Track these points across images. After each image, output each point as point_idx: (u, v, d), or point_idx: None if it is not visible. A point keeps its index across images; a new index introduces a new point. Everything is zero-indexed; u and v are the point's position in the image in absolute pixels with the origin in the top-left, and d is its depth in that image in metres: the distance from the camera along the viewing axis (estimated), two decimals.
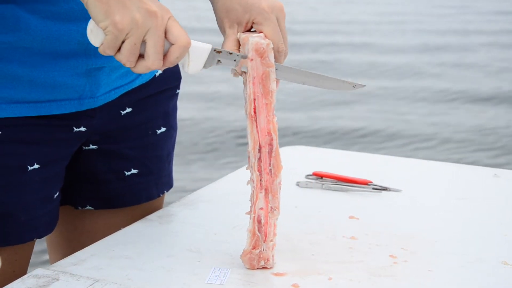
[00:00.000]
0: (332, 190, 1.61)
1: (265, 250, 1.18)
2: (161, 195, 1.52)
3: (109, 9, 1.05)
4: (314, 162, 1.81)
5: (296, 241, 1.31)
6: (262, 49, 1.14)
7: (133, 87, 1.39)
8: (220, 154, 5.27)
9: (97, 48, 1.26)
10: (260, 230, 1.17)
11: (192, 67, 1.13)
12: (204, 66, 1.14)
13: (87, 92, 1.30)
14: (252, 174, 1.17)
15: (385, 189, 1.61)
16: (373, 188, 1.60)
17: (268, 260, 1.19)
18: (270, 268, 1.19)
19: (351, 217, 1.44)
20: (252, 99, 1.15)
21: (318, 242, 1.31)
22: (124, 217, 1.47)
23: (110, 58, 1.29)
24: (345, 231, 1.36)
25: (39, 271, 1.17)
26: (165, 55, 1.10)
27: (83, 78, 1.28)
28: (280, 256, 1.24)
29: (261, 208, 1.17)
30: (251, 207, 1.18)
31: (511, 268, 1.23)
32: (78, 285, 1.13)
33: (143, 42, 1.08)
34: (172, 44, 1.09)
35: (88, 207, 1.46)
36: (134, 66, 1.10)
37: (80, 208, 1.46)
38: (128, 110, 1.40)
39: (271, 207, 1.18)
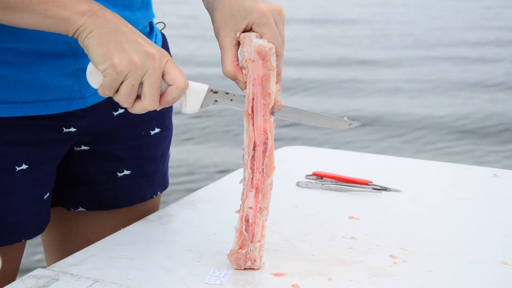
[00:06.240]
0: (332, 190, 1.61)
1: (252, 250, 1.18)
2: (154, 196, 1.51)
3: (108, 52, 1.07)
4: (314, 162, 1.81)
5: (296, 241, 1.31)
6: (264, 52, 1.14)
7: None
8: None
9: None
10: (248, 230, 1.17)
11: (189, 107, 1.16)
12: (202, 106, 1.16)
13: (75, 92, 1.29)
14: (244, 172, 1.17)
15: (385, 189, 1.61)
16: (373, 188, 1.60)
17: (255, 261, 1.18)
18: (257, 269, 1.19)
19: (351, 217, 1.44)
20: (251, 98, 1.15)
21: (318, 242, 1.31)
22: (119, 219, 1.46)
23: None
24: (345, 231, 1.36)
25: (39, 271, 1.17)
26: (162, 95, 1.12)
27: (71, 78, 1.28)
28: (280, 256, 1.24)
29: (250, 207, 1.17)
30: (240, 205, 1.18)
31: (511, 268, 1.23)
32: (78, 285, 1.13)
33: (141, 84, 1.09)
34: (170, 85, 1.11)
35: (80, 209, 1.45)
36: (131, 107, 1.11)
37: (72, 209, 1.46)
38: (121, 111, 1.39)
39: (260, 207, 1.17)
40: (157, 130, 1.46)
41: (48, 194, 1.35)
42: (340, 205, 1.53)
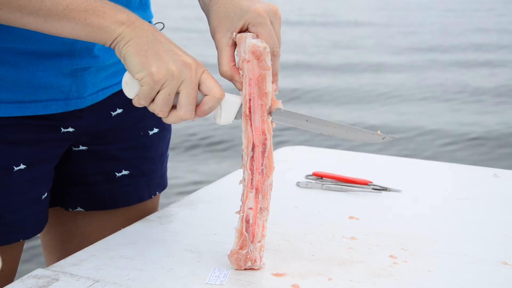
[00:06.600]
0: (332, 190, 1.61)
1: (252, 251, 1.18)
2: (153, 196, 1.51)
3: (146, 60, 1.07)
4: (314, 162, 1.81)
5: (296, 242, 1.31)
6: (259, 52, 1.14)
7: None
8: None
9: (82, 48, 1.26)
10: (248, 230, 1.17)
11: (224, 118, 1.16)
12: (236, 118, 1.17)
13: (73, 92, 1.30)
14: (244, 173, 1.17)
15: (385, 189, 1.61)
16: (373, 188, 1.60)
17: (255, 261, 1.18)
18: (258, 269, 1.19)
19: (351, 218, 1.44)
20: (248, 99, 1.15)
21: (318, 242, 1.31)
22: (118, 219, 1.46)
23: (96, 58, 1.29)
24: (345, 232, 1.36)
25: (39, 271, 1.17)
26: (197, 105, 1.12)
27: (69, 78, 1.28)
28: (280, 256, 1.24)
29: (250, 208, 1.17)
30: (241, 206, 1.18)
31: (511, 268, 1.23)
32: (78, 285, 1.13)
33: (177, 94, 1.10)
34: (206, 95, 1.11)
35: (79, 209, 1.45)
36: (167, 116, 1.12)
37: (70, 209, 1.46)
38: (119, 111, 1.39)
39: (260, 208, 1.17)
40: (155, 130, 1.46)
41: (46, 194, 1.35)
42: (340, 205, 1.53)
